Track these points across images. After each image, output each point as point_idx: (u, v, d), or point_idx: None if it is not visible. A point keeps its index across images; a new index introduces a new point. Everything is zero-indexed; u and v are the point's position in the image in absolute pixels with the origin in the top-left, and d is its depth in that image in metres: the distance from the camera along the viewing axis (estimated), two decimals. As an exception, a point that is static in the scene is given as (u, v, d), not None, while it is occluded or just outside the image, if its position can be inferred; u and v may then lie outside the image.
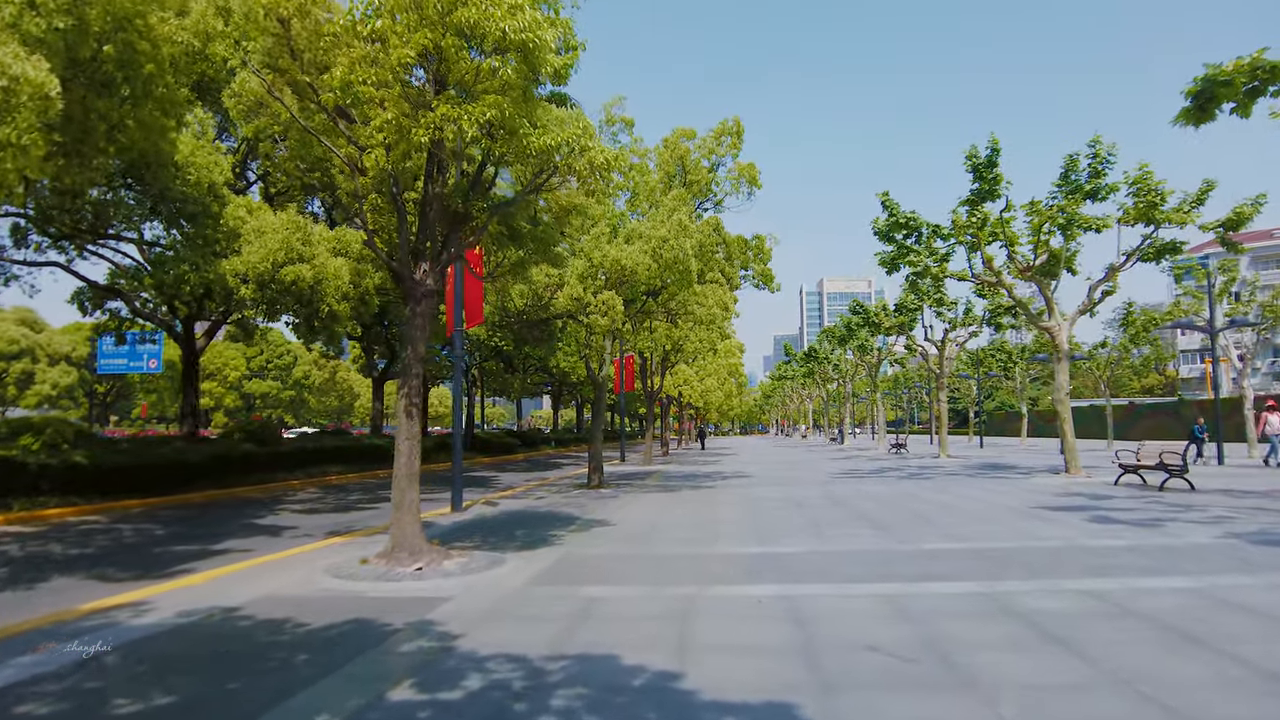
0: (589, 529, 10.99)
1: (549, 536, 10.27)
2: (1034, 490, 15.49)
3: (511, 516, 12.90)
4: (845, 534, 9.89)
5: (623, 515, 12.72)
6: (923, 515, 11.66)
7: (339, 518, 13.92)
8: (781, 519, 11.61)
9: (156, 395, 79.49)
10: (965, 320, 29.29)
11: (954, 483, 17.96)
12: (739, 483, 19.42)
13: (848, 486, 17.56)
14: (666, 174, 17.98)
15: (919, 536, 9.53)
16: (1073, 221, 16.69)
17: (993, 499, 13.92)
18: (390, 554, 8.07)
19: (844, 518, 11.62)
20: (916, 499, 14.17)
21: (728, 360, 40.88)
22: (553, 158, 8.51)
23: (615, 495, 16.49)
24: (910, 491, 15.81)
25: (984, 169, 16.59)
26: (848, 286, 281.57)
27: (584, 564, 8.13)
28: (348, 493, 19.77)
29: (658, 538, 9.98)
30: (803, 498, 14.89)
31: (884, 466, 25.54)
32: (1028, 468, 23.06)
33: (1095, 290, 18.66)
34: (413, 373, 8.45)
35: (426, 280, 8.58)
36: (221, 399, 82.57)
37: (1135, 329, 37.89)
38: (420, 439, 8.47)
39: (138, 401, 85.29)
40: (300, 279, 13.62)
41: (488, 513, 13.57)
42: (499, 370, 51.72)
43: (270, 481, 21.40)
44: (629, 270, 15.24)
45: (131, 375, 69.88)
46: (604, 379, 18.68)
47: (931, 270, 19.31)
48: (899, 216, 17.76)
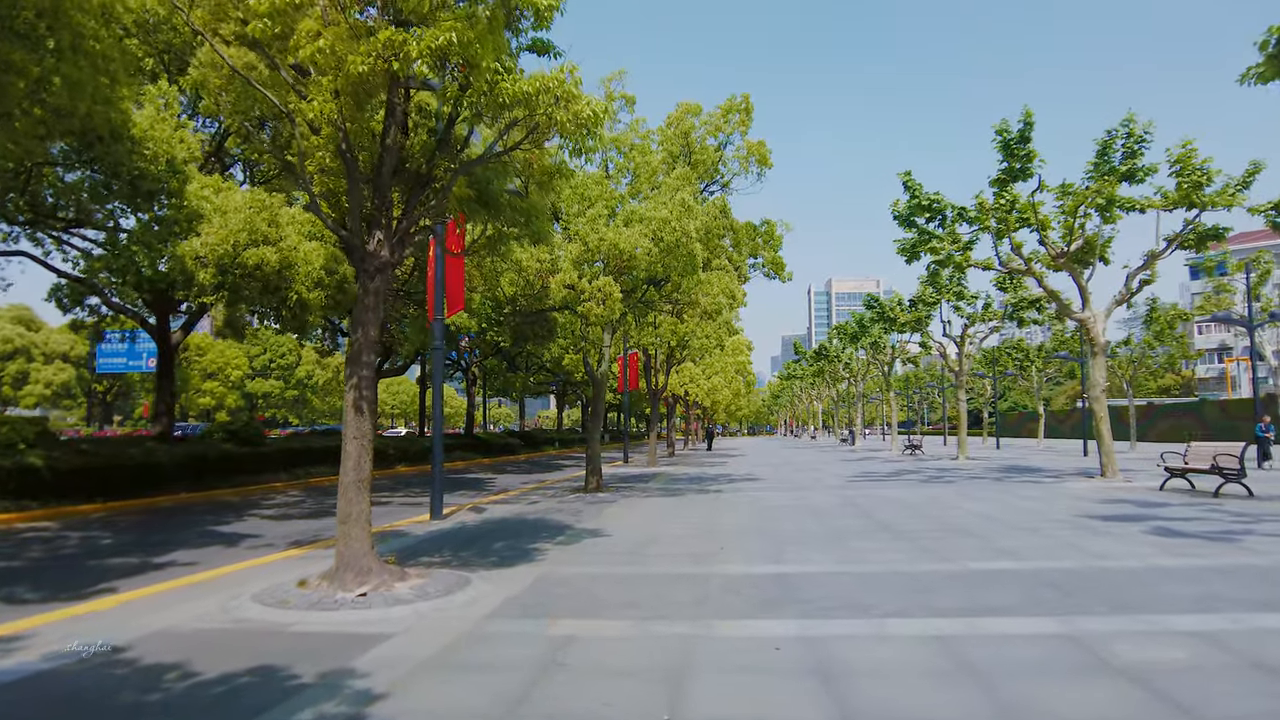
0: (578, 541, 9.67)
1: (531, 550, 8.96)
2: (1073, 496, 14.09)
3: (496, 525, 11.61)
4: (872, 549, 8.54)
5: (618, 524, 11.41)
6: (957, 525, 10.29)
7: (309, 525, 12.67)
8: (797, 530, 10.26)
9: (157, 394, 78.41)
10: (984, 315, 27.84)
11: (980, 487, 16.56)
12: (748, 486, 18.08)
13: (866, 491, 16.20)
14: (670, 154, 16.66)
15: (958, 552, 8.18)
16: (1112, 202, 15.26)
17: (1030, 506, 12.54)
18: (334, 575, 6.77)
19: (867, 527, 10.26)
20: (945, 505, 12.80)
21: (735, 358, 39.48)
22: (531, 107, 7.21)
23: (613, 500, 15.19)
24: (935, 496, 14.44)
25: (1015, 145, 15.18)
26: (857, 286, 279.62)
27: (564, 588, 6.82)
28: (330, 496, 18.53)
29: (655, 553, 8.66)
30: (819, 504, 13.54)
31: (900, 469, 24.14)
32: (1055, 470, 21.62)
33: (1133, 279, 17.23)
34: (362, 361, 7.16)
35: (381, 252, 7.28)
36: (223, 399, 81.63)
37: (1160, 325, 36.37)
38: (373, 438, 7.18)
39: (139, 401, 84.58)
40: (265, 263, 12.32)
41: (470, 520, 12.28)
42: (501, 369, 50.53)
43: (252, 483, 20.21)
44: (627, 255, 13.93)
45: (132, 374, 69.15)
46: (603, 376, 17.38)
47: (955, 259, 17.90)
48: (921, 198, 16.37)
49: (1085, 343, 16.88)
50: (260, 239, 12.53)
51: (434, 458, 12.54)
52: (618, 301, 13.33)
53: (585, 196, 15.09)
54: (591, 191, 15.22)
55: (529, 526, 11.32)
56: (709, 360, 36.96)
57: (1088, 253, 17.04)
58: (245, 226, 12.34)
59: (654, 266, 14.22)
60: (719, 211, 16.03)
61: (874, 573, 7.17)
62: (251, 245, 12.44)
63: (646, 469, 26.72)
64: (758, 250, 17.35)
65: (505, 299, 14.69)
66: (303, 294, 13.19)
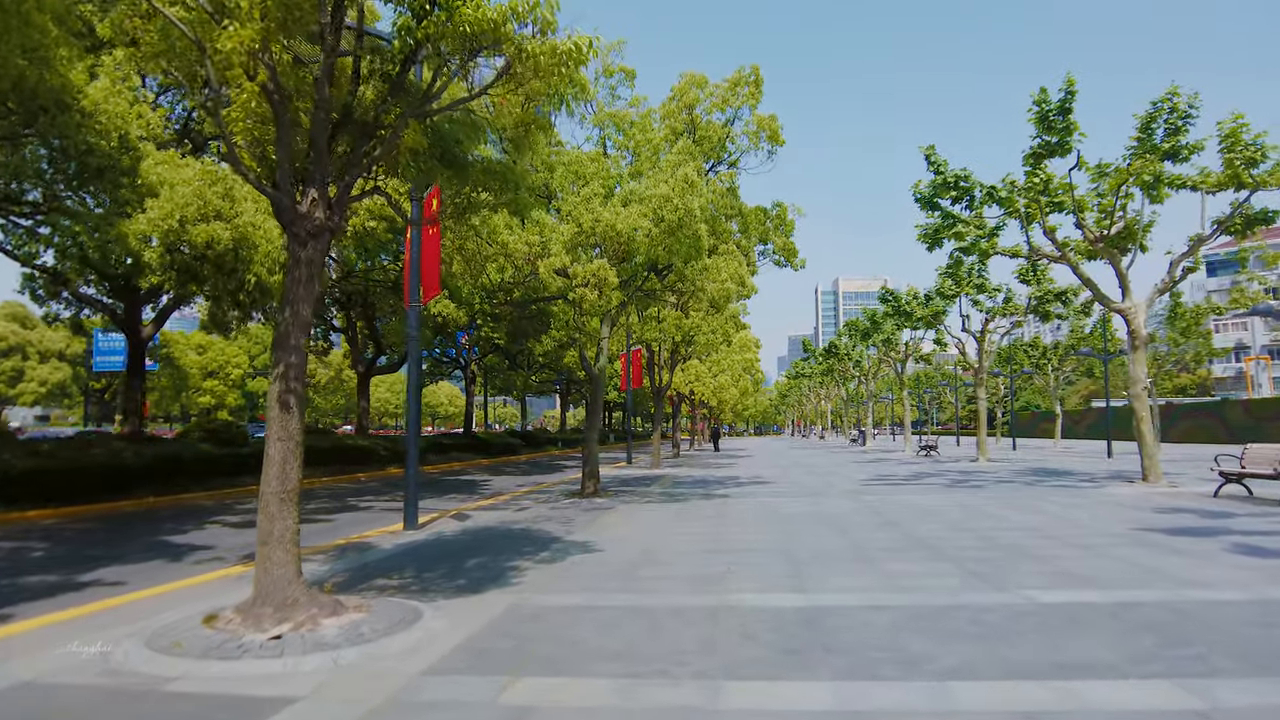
0: (564, 558, 8.35)
1: (507, 571, 7.64)
2: (1121, 504, 12.69)
3: (475, 537, 10.30)
4: (910, 571, 7.18)
5: (613, 535, 10.09)
6: (1003, 540, 8.93)
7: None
8: (817, 545, 8.91)
9: (158, 394, 77.78)
10: (1004, 309, 26.38)
11: (1012, 493, 15.17)
12: (758, 491, 16.72)
13: (886, 496, 14.82)
14: (672, 130, 15.31)
15: (1016, 576, 6.81)
16: (1160, 180, 13.83)
17: (1079, 516, 11.15)
18: (249, 609, 5.47)
19: (899, 542, 8.90)
20: (981, 515, 11.42)
21: (743, 355, 38.08)
22: (498, 37, 5.91)
23: (611, 506, 13.87)
24: (966, 504, 13.06)
25: (1054, 117, 13.76)
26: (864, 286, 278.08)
27: (536, 626, 5.50)
28: (310, 500, 17.31)
29: (651, 575, 7.33)
30: (838, 512, 12.18)
31: (918, 471, 22.73)
32: (1088, 474, 20.18)
33: (1176, 267, 15.81)
34: (290, 346, 5.85)
35: (315, 213, 5.98)
36: (224, 398, 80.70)
37: (1186, 321, 34.85)
38: (302, 439, 5.88)
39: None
40: (216, 240, 11.02)
41: (449, 530, 10.97)
42: (503, 367, 49.27)
43: (229, 486, 18.99)
44: (624, 237, 12.60)
45: (129, 373, 68.15)
46: (601, 372, 16.06)
47: (981, 246, 16.49)
48: (947, 176, 14.97)
49: (1127, 335, 15.44)
50: (212, 214, 11.23)
51: (408, 461, 11.24)
52: (614, 288, 12.02)
53: (579, 174, 13.78)
54: (586, 169, 13.90)
55: (512, 539, 10.01)
56: (716, 357, 35.58)
57: (1126, 238, 15.61)
58: (195, 199, 11.05)
59: (654, 250, 12.90)
60: (726, 190, 14.68)
61: (920, 607, 5.81)
62: (201, 220, 11.15)
63: (650, 471, 25.39)
64: (767, 235, 15.97)
65: (493, 286, 13.37)
66: (263, 277, 11.88)
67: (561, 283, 12.18)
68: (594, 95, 15.79)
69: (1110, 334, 34.68)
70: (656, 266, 16.49)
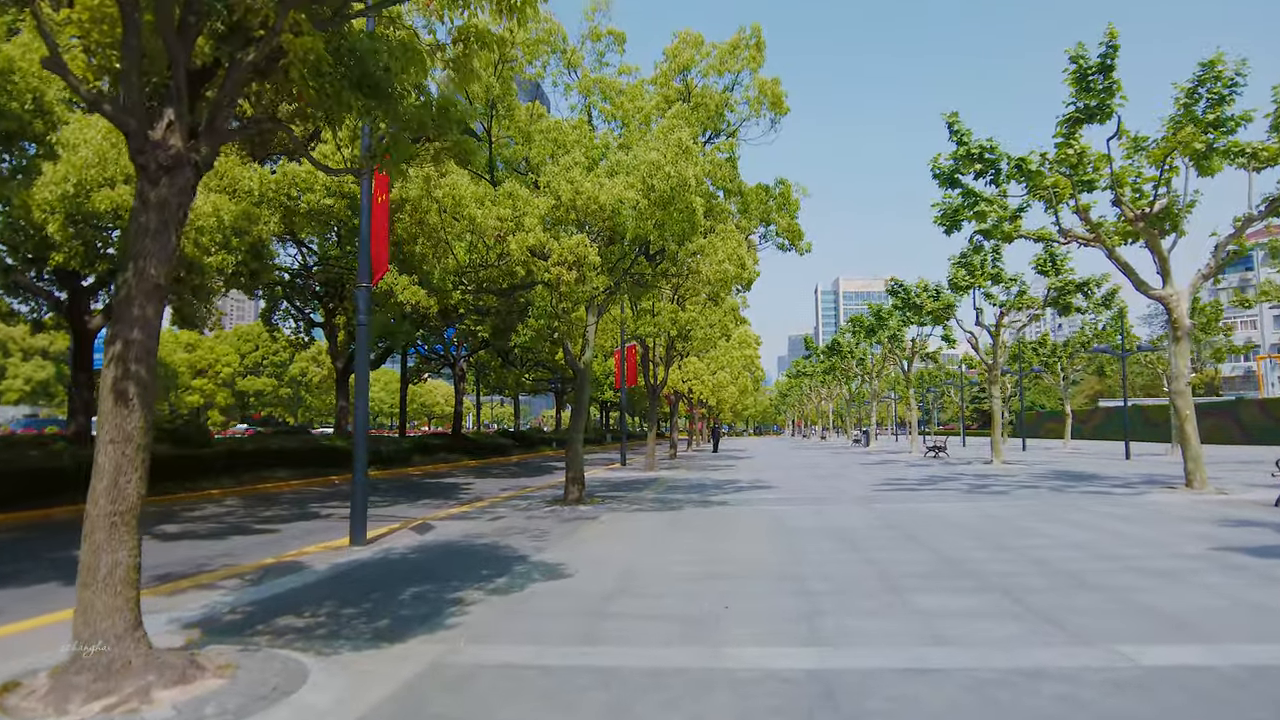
0: (523, 587, 6.84)
1: (447, 606, 6.14)
2: (1174, 515, 11.17)
3: (428, 555, 8.80)
4: (953, 609, 5.67)
5: (590, 553, 8.60)
6: (1055, 564, 7.41)
7: (206, 549, 10.01)
8: (832, 569, 7.40)
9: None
10: (1019, 302, 24.84)
11: (1043, 501, 13.66)
12: (759, 498, 15.22)
13: (902, 504, 13.32)
14: (665, 98, 13.80)
15: (1091, 619, 5.30)
16: (1213, 149, 12.31)
17: (1133, 532, 9.63)
18: (64, 675, 3.96)
19: (929, 565, 7.39)
20: (1017, 529, 9.91)
21: (743, 351, 36.54)
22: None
23: (595, 515, 12.38)
24: (994, 513, 11.55)
25: (1093, 76, 12.24)
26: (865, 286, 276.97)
27: (453, 700, 3.99)
28: (271, 505, 15.88)
29: (626, 613, 5.82)
30: (851, 524, 10.66)
31: (931, 475, 21.22)
32: (1117, 478, 18.67)
33: (1221, 250, 14.29)
34: (131, 317, 4.33)
35: (170, 141, 4.48)
36: (213, 396, 79.17)
37: (1206, 318, 33.32)
38: (146, 441, 4.38)
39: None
40: (123, 208, 9.45)
41: (401, 546, 9.47)
42: (495, 365, 47.73)
43: (183, 491, 17.52)
44: (609, 210, 11.09)
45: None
46: (586, 366, 14.55)
47: (1004, 229, 14.98)
48: (971, 146, 13.45)
49: (1167, 326, 13.94)
50: (120, 177, 9.70)
51: (355, 466, 9.72)
52: (596, 269, 10.51)
53: (559, 143, 12.27)
54: (567, 137, 12.39)
55: (470, 558, 8.51)
56: (714, 354, 34.05)
57: (1165, 218, 14.10)
58: (97, 161, 9.53)
59: (643, 226, 11.39)
60: (725, 160, 13.16)
61: (981, 671, 4.29)
62: (106, 185, 9.63)
63: (644, 473, 23.89)
64: (770, 215, 14.45)
65: (460, 267, 11.86)
66: (193, 255, 10.36)
67: (536, 265, 10.66)
68: (579, 61, 14.29)
69: (1126, 330, 33.18)
70: (648, 250, 14.99)
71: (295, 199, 13.20)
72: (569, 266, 10.45)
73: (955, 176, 14.26)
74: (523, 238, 10.58)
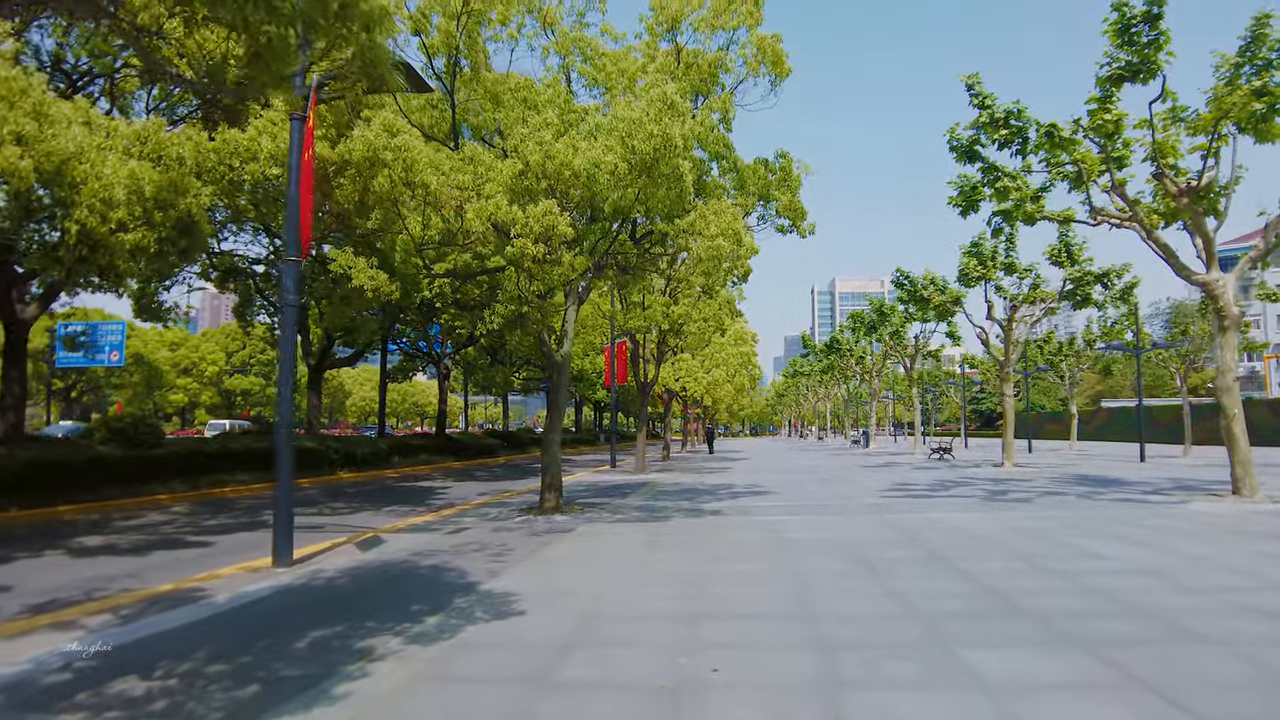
0: (454, 633, 5.33)
1: (346, 664, 4.63)
2: (1234, 529, 9.69)
3: (357, 582, 7.29)
4: (1023, 677, 4.16)
5: (553, 579, 7.09)
6: (1127, 597, 5.92)
7: (121, 565, 8.69)
8: (849, 606, 5.90)
9: (129, 391, 74.69)
10: (1032, 296, 23.38)
11: (1073, 510, 12.19)
12: (755, 505, 13.73)
13: (918, 514, 11.83)
14: (650, 58, 12.31)
15: (1241, 701, 3.81)
16: (1275, 110, 10.82)
17: (1202, 551, 8.14)
18: None
19: (971, 600, 5.89)
20: (1061, 546, 8.41)
21: (738, 348, 35.01)
22: None
23: (570, 528, 10.87)
24: (1024, 526, 10.06)
25: (1137, 27, 10.76)
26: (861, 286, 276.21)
27: None
28: (221, 512, 14.42)
29: (579, 680, 4.31)
30: (864, 539, 9.16)
31: (940, 479, 19.74)
32: (1147, 483, 17.20)
33: (1272, 231, 12.83)
34: None
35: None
36: (198, 395, 77.39)
37: (1223, 313, 31.86)
38: None
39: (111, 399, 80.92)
40: (11, 172, 7.87)
41: (330, 569, 7.95)
42: (484, 364, 46.16)
43: (129, 495, 16.03)
44: (584, 178, 9.58)
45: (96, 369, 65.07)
46: (564, 360, 13.04)
47: (1027, 209, 13.49)
48: (995, 111, 11.97)
49: (1213, 314, 12.49)
50: (9, 137, 8.14)
51: (278, 473, 8.19)
52: (566, 241, 9.01)
53: (530, 103, 10.75)
54: (540, 96, 10.88)
55: (406, 586, 6.99)
56: (709, 351, 32.52)
57: (1207, 194, 12.64)
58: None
59: (624, 195, 9.89)
60: (718, 122, 11.64)
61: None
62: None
63: (633, 476, 22.39)
64: (769, 192, 12.94)
65: (417, 243, 10.32)
66: (93, 227, 8.80)
67: (485, 227, 9.12)
68: (556, 20, 12.76)
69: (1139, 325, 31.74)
70: (634, 231, 13.47)
71: (237, 169, 11.66)
72: (536, 239, 8.92)
73: (975, 149, 12.79)
74: (481, 206, 9.04)
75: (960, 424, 62.15)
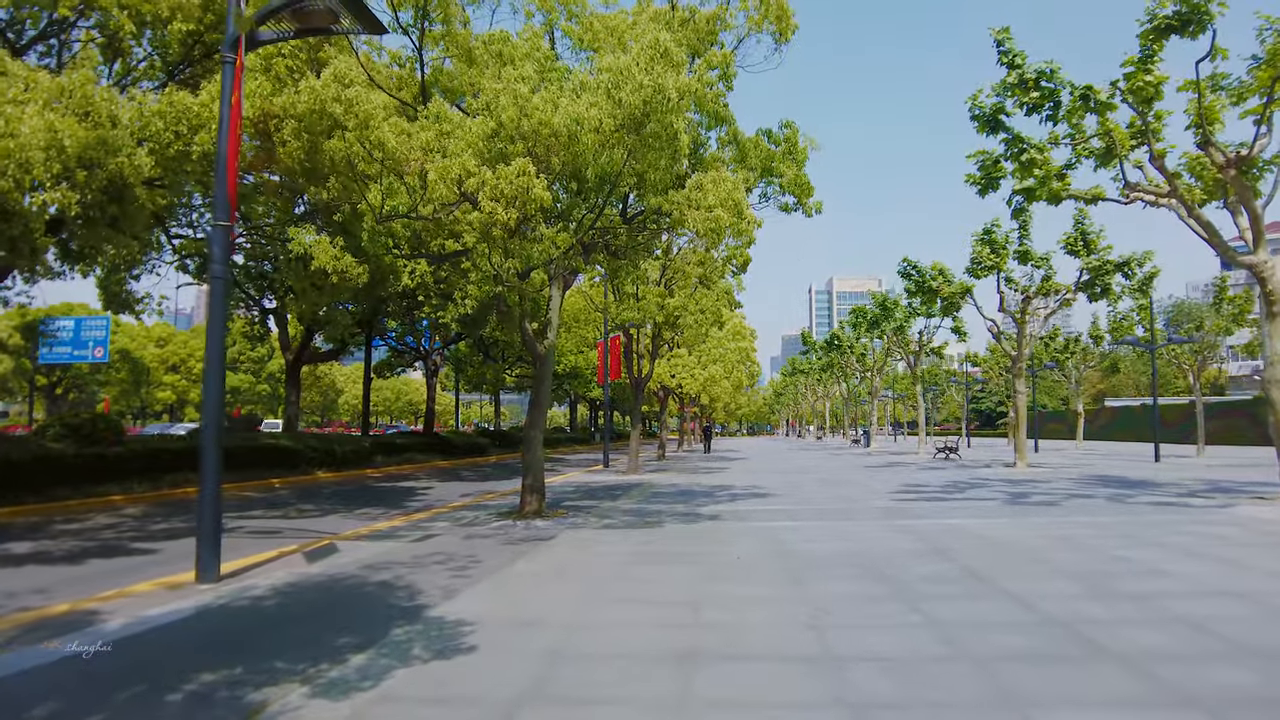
0: (376, 683, 4.14)
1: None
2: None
3: (284, 605, 6.11)
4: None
5: (514, 607, 5.90)
6: (1227, 630, 4.76)
7: (40, 578, 7.50)
8: (878, 642, 4.72)
9: (116, 389, 73.37)
10: (1045, 287, 22.21)
11: (1111, 516, 11.05)
12: (756, 510, 12.58)
13: (938, 520, 10.68)
14: (643, 11, 11.13)
15: None
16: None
17: (1271, 564, 6.99)
18: None
19: (1032, 635, 4.72)
20: (1111, 560, 7.25)
21: (737, 344, 33.82)
22: None
23: (550, 535, 9.71)
24: (1060, 534, 8.91)
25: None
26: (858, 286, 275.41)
27: None
28: (176, 514, 13.38)
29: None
30: (884, 553, 7.99)
31: (953, 480, 18.59)
32: (1177, 485, 16.06)
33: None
34: None
35: None
36: (186, 393, 75.95)
37: (1239, 306, 30.81)
38: None
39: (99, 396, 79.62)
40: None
41: (259, 587, 6.76)
42: (477, 361, 44.91)
43: (82, 496, 14.89)
44: (565, 136, 8.40)
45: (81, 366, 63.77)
46: (548, 350, 11.87)
47: (1052, 187, 12.34)
48: (1024, 71, 10.82)
49: (1260, 298, 11.35)
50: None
51: (203, 474, 7.01)
52: (541, 207, 7.83)
53: (505, 56, 9.55)
54: (516, 50, 9.69)
55: (341, 611, 5.81)
56: (706, 347, 31.32)
57: (1253, 165, 11.50)
58: None
59: (611, 158, 8.71)
60: (718, 78, 10.44)
61: None
62: None
63: (625, 477, 21.22)
64: (772, 164, 11.77)
65: (376, 213, 9.12)
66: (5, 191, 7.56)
67: (448, 192, 7.92)
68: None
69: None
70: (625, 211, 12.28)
71: (185, 136, 10.45)
72: (507, 204, 7.74)
73: (999, 118, 11.63)
74: (445, 166, 7.85)
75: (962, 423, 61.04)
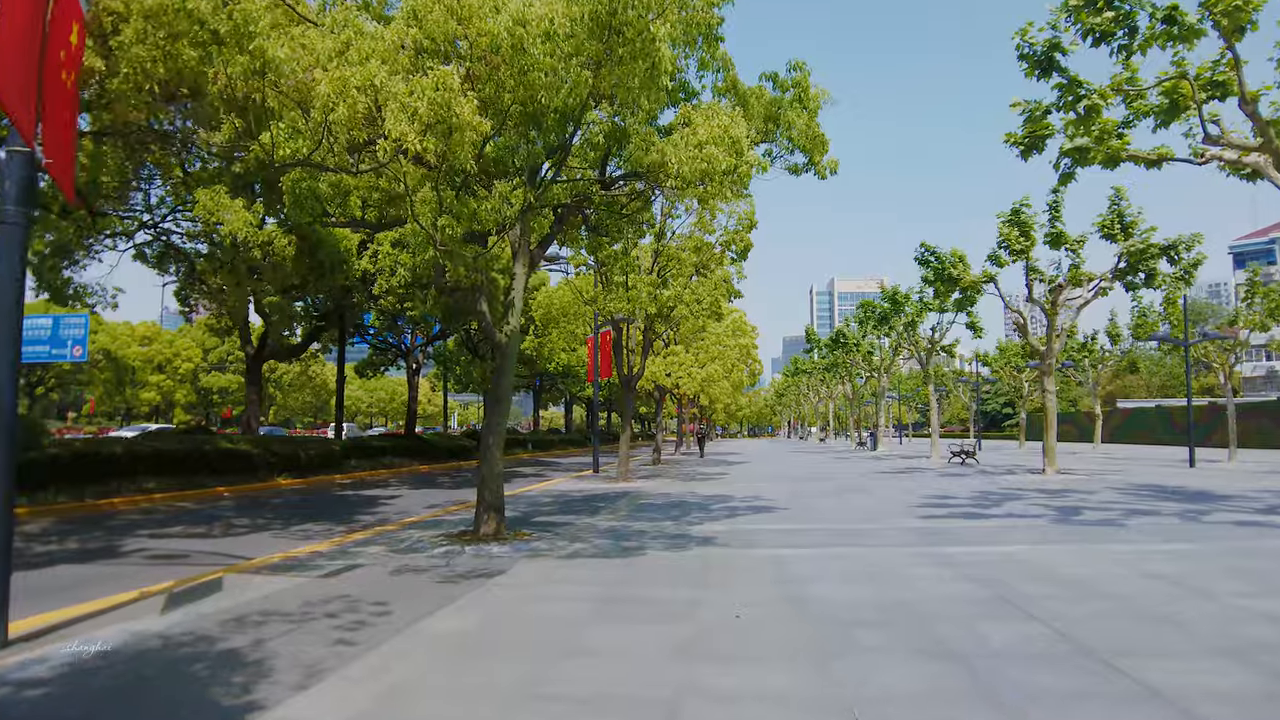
0: None
1: None
2: None
3: (52, 701, 4.01)
4: None
5: (397, 707, 3.80)
6: None
7: None
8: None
9: (100, 389, 71.40)
10: (1078, 276, 20.12)
11: (1208, 545, 8.99)
12: (759, 530, 10.50)
13: (988, 549, 8.60)
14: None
15: None
16: None
17: None
18: None
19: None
20: (1259, 620, 5.20)
21: (738, 341, 31.73)
22: None
23: (499, 568, 7.65)
24: (1172, 575, 6.85)
25: None
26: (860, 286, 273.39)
27: None
28: (81, 533, 11.27)
29: None
30: (936, 604, 5.92)
31: (982, 490, 16.48)
32: (1246, 497, 13.99)
33: None
34: None
35: None
36: (172, 393, 73.84)
37: (1273, 303, 28.69)
38: None
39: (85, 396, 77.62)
40: None
41: (40, 668, 4.67)
42: (465, 359, 42.88)
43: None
44: (509, 48, 6.33)
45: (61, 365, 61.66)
46: (510, 336, 9.79)
47: (1111, 145, 10.28)
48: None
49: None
50: None
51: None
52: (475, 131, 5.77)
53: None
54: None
55: (146, 706, 3.73)
56: (704, 343, 29.24)
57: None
58: None
59: (577, 79, 6.66)
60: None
61: None
62: None
63: (614, 485, 19.15)
64: (779, 114, 9.72)
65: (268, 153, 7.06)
66: None
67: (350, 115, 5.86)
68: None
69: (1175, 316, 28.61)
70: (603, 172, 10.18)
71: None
72: (424, 127, 5.67)
73: (1053, 56, 9.59)
74: (342, 75, 5.79)
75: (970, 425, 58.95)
